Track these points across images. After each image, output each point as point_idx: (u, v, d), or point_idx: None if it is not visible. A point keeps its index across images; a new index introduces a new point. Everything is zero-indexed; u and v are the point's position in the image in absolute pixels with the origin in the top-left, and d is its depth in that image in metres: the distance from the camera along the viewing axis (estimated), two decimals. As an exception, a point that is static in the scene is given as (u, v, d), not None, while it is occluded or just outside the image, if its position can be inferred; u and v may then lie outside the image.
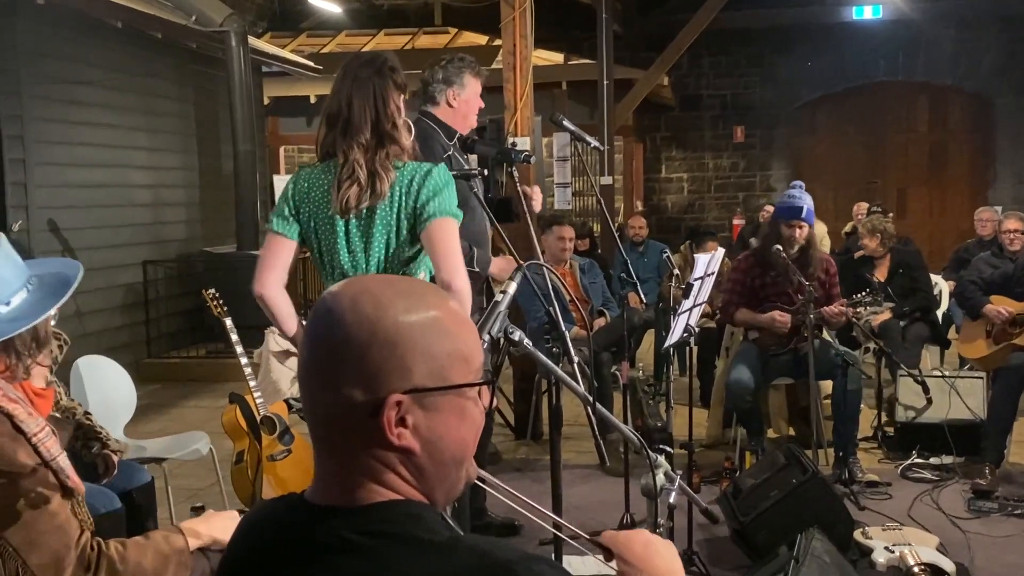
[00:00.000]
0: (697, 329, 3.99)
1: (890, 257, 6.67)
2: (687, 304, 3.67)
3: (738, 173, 15.15)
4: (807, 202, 5.36)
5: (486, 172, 3.77)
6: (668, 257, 4.27)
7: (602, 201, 4.47)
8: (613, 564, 1.41)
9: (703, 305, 4.09)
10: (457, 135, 3.99)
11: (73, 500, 2.15)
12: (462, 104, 4.02)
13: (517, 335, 1.79)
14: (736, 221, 13.66)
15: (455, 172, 3.68)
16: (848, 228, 10.31)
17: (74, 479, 2.14)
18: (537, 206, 4.44)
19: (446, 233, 2.95)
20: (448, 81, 4.01)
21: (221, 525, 2.47)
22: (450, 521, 1.20)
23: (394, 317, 1.16)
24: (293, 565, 1.16)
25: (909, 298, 6.50)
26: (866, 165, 14.87)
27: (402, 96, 3.03)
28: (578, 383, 2.00)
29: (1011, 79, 14.20)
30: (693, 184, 15.29)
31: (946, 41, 14.12)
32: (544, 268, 2.32)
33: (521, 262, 2.22)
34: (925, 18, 13.55)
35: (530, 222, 3.45)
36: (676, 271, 4.11)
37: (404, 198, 2.96)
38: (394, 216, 2.98)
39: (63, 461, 2.12)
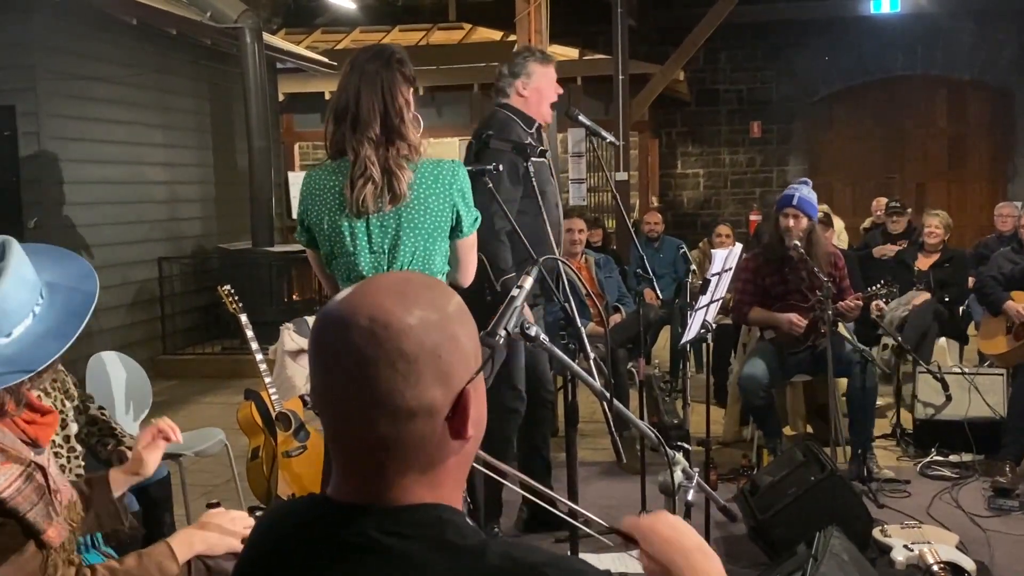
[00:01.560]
0: (714, 325, 3.98)
1: (942, 252, 7.07)
2: (704, 300, 3.66)
3: (755, 168, 15.09)
4: (802, 192, 5.30)
5: (500, 167, 3.76)
6: (685, 253, 4.24)
7: (618, 196, 4.44)
8: (635, 553, 1.39)
9: (720, 301, 4.07)
10: (536, 124, 4.08)
11: (51, 549, 2.06)
12: (533, 92, 4.16)
13: (533, 330, 1.79)
14: (753, 217, 13.56)
15: (472, 169, 3.69)
16: (867, 224, 10.25)
17: (51, 531, 2.00)
18: None
19: (475, 243, 3.01)
20: (514, 73, 4.17)
21: (228, 520, 2.46)
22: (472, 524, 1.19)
23: (446, 310, 1.17)
24: (318, 565, 1.14)
25: (947, 289, 6.84)
26: (884, 160, 14.80)
27: (411, 89, 2.96)
28: (595, 379, 2.00)
29: (1031, 73, 14.11)
30: (709, 180, 15.24)
31: (965, 34, 14.03)
32: (560, 262, 2.31)
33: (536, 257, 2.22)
34: (944, 11, 13.47)
35: (546, 218, 3.45)
36: (694, 267, 4.10)
37: (438, 199, 2.89)
38: (426, 216, 2.90)
39: (38, 512, 1.98)
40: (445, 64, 12.91)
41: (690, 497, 1.97)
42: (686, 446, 2.01)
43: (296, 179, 12.22)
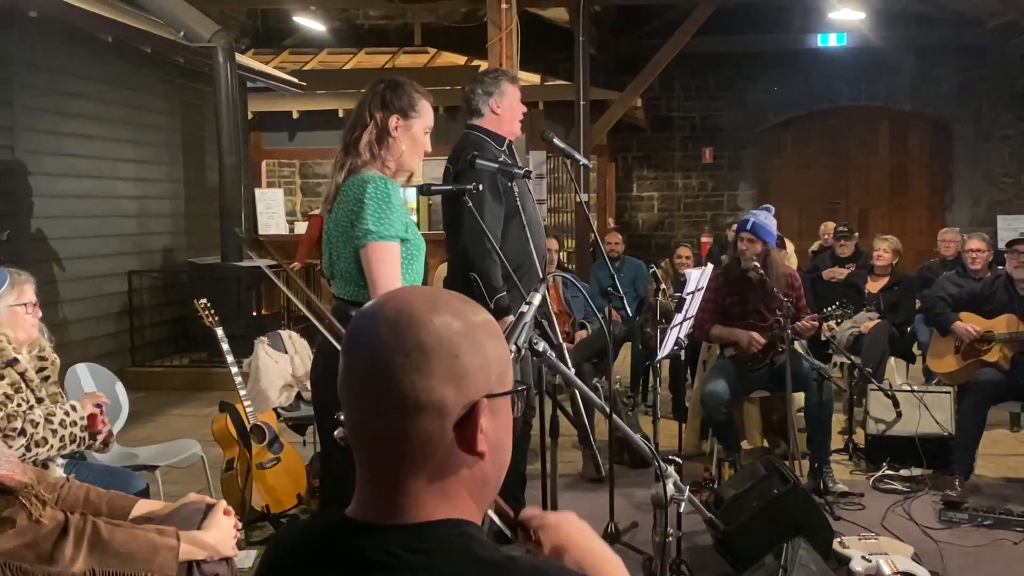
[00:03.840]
0: (687, 342, 3.99)
1: (891, 275, 7.21)
2: (679, 318, 3.66)
3: (707, 193, 15.22)
4: (758, 218, 5.35)
5: (481, 187, 3.74)
6: (655, 272, 4.25)
7: (588, 217, 4.45)
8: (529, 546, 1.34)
9: (692, 319, 4.08)
10: (507, 141, 4.08)
11: (17, 492, 2.08)
12: (506, 110, 4.16)
13: (541, 346, 1.77)
14: (704, 239, 13.70)
15: (454, 188, 3.68)
16: (815, 247, 10.36)
17: (9, 480, 2.07)
18: None
19: (373, 259, 2.88)
20: (488, 92, 4.16)
21: (221, 534, 2.43)
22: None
23: (474, 319, 1.14)
24: None
25: (896, 312, 6.97)
26: (829, 186, 15.00)
27: (391, 115, 3.00)
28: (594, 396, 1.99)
29: (968, 106, 14.39)
30: (663, 203, 15.35)
31: (906, 69, 14.29)
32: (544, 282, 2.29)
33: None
34: (887, 46, 13.70)
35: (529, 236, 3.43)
36: (663, 285, 4.10)
37: (344, 207, 2.96)
38: (336, 223, 2.99)
39: None
40: (411, 87, 12.86)
41: (682, 509, 1.96)
42: (678, 460, 1.99)
43: (263, 196, 12.11)
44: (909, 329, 7.16)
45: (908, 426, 5.61)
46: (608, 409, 1.90)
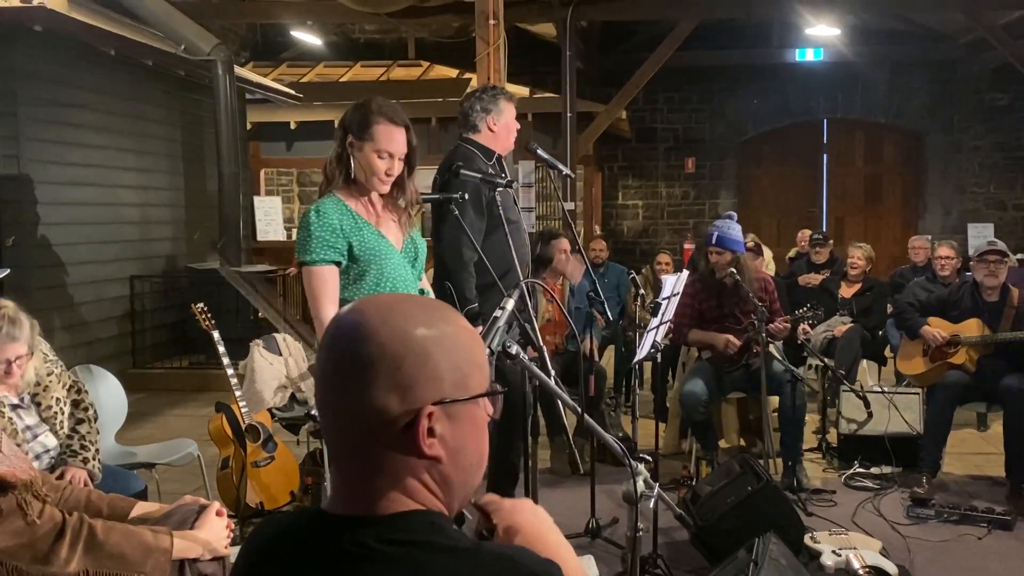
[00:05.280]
0: (663, 345, 4.01)
1: (864, 281, 7.25)
2: (655, 322, 3.68)
3: (689, 201, 15.26)
4: (721, 230, 5.39)
5: (466, 196, 3.76)
6: (635, 277, 4.27)
7: (572, 225, 4.47)
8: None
9: (668, 323, 4.10)
10: (496, 155, 4.13)
11: (15, 491, 2.08)
12: (501, 128, 4.18)
13: (514, 349, 1.79)
14: (687, 246, 13.73)
15: (440, 196, 3.70)
16: (792, 253, 10.41)
17: (10, 477, 2.07)
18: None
19: (305, 283, 3.04)
20: (486, 109, 4.16)
21: (213, 533, 2.44)
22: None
23: (423, 331, 1.15)
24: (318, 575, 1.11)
25: (868, 316, 7.02)
26: (806, 195, 15.05)
27: (348, 135, 3.06)
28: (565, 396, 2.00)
29: (940, 119, 14.46)
30: (647, 211, 15.37)
31: (881, 82, 14.36)
32: (539, 286, 2.31)
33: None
34: (862, 61, 13.77)
35: (511, 245, 3.45)
36: (642, 291, 4.12)
37: None
38: None
39: None
40: (404, 98, 12.86)
41: (651, 504, 1.97)
42: (648, 458, 2.01)
43: (262, 204, 12.10)
44: (881, 333, 7.20)
45: (879, 426, 5.64)
46: (580, 409, 1.91)
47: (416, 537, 1.11)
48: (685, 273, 4.39)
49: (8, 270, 2.98)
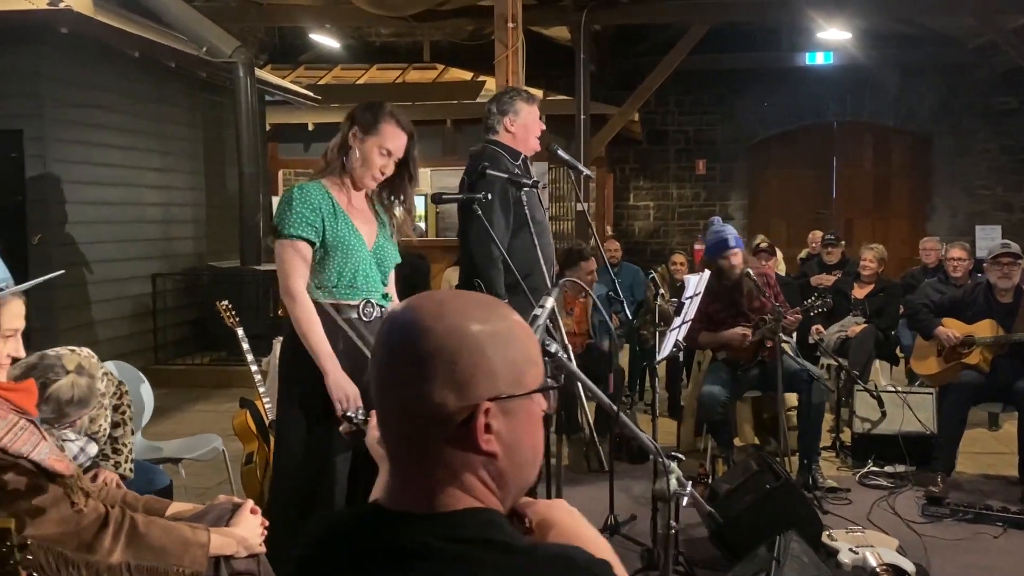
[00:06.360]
0: (684, 344, 3.98)
1: (877, 282, 7.21)
2: (677, 321, 3.66)
3: (699, 202, 15.21)
4: (731, 232, 5.39)
5: (490, 196, 3.75)
6: (654, 278, 4.25)
7: (591, 225, 4.45)
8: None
9: (690, 322, 4.08)
10: (522, 156, 4.11)
11: (63, 480, 2.10)
12: (520, 128, 4.17)
13: (553, 347, 1.77)
14: (697, 247, 13.68)
15: (464, 196, 3.68)
16: (803, 254, 10.36)
17: (58, 466, 2.09)
18: None
19: (275, 255, 3.05)
20: (503, 111, 4.16)
21: (249, 530, 2.43)
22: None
23: (479, 326, 1.13)
24: (378, 574, 1.09)
25: (881, 317, 6.96)
26: (815, 197, 14.97)
27: (353, 127, 3.07)
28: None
29: (948, 122, 14.37)
30: (658, 212, 15.34)
31: (890, 86, 14.28)
32: (561, 291, 2.29)
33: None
34: (872, 64, 13.70)
35: (536, 244, 3.42)
36: (662, 290, 4.10)
37: None
38: None
39: (41, 451, 2.07)
40: (420, 101, 12.90)
41: (684, 503, 1.95)
42: (680, 456, 1.99)
43: (279, 204, 12.10)
44: (893, 333, 7.16)
45: (892, 425, 5.60)
46: (615, 408, 1.89)
47: (475, 535, 1.08)
48: (707, 273, 4.36)
49: (63, 272, 2.94)
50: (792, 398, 5.47)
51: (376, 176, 3.08)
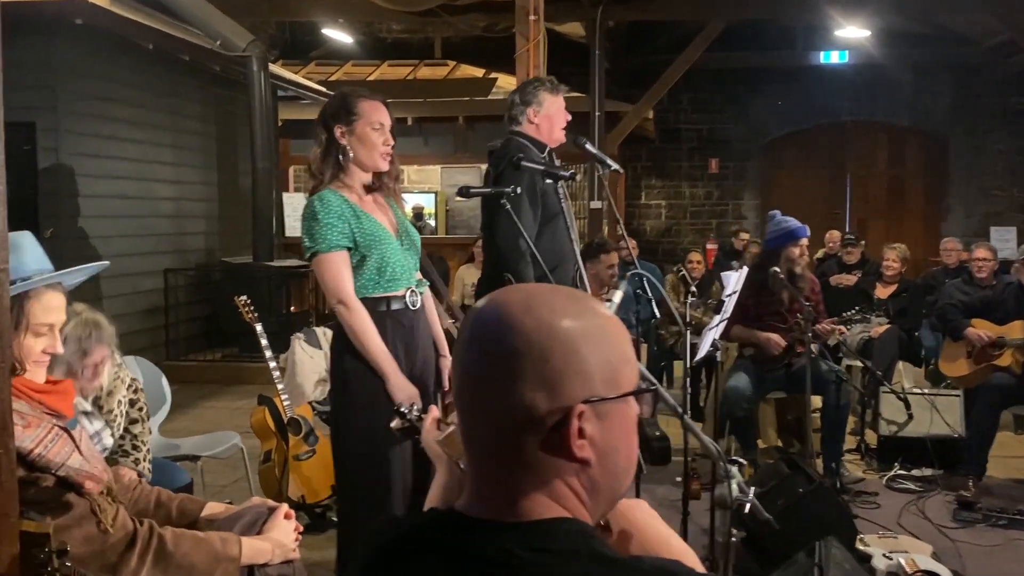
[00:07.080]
0: (723, 344, 3.88)
1: (900, 282, 7.09)
2: (716, 319, 3.55)
3: (712, 201, 15.10)
4: (797, 222, 5.30)
5: (519, 190, 3.64)
6: (684, 276, 4.15)
7: (620, 223, 4.35)
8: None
9: (724, 321, 3.97)
10: (547, 148, 4.01)
11: (91, 497, 2.01)
12: (543, 119, 4.05)
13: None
14: (709, 246, 13.59)
15: (491, 190, 3.58)
16: (820, 254, 10.26)
17: (88, 483, 2.00)
18: None
19: (317, 271, 2.97)
20: (526, 102, 4.04)
21: (283, 535, 2.34)
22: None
23: (570, 322, 1.03)
24: None
25: (904, 317, 6.85)
26: (829, 197, 14.86)
27: (334, 127, 2.97)
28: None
29: (963, 122, 14.25)
30: (670, 211, 15.23)
31: (905, 85, 14.15)
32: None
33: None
34: (887, 64, 13.57)
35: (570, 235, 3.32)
36: (693, 288, 3.99)
37: None
38: None
39: (72, 464, 1.99)
40: (431, 97, 12.81)
41: (747, 509, 1.85)
42: (741, 461, 1.88)
43: (290, 200, 12.01)
44: (916, 334, 7.05)
45: (919, 427, 5.49)
46: (679, 410, 1.80)
47: (566, 546, 0.99)
48: (745, 270, 4.26)
49: (108, 263, 2.88)
50: (815, 400, 5.36)
51: (384, 152, 3.01)
